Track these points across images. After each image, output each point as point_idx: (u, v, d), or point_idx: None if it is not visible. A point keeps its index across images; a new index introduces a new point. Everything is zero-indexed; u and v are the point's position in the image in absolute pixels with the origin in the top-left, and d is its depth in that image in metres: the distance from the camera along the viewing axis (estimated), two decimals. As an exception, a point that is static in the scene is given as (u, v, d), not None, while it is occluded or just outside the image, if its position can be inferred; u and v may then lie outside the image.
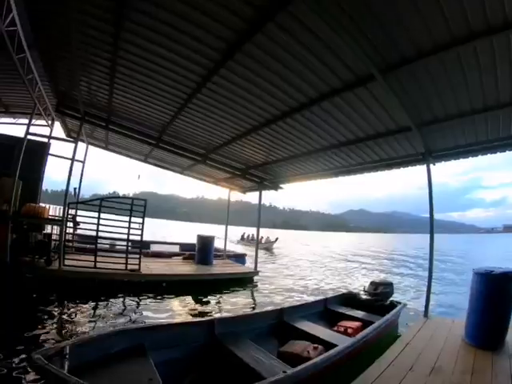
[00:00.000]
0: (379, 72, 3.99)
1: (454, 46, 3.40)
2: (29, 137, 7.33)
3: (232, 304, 7.77)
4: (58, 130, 10.57)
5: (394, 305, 6.05)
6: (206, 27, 3.93)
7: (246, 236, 35.11)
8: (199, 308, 7.10)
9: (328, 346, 3.94)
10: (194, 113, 6.64)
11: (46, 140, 9.19)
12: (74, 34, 4.54)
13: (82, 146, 11.15)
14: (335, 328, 5.12)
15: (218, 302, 7.88)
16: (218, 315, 6.56)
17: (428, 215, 6.23)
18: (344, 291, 7.47)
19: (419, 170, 6.44)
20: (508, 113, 4.63)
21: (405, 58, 3.82)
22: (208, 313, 6.82)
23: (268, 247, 29.01)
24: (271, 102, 5.56)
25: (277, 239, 31.08)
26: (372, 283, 6.55)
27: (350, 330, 4.91)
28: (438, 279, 13.64)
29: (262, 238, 30.34)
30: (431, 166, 6.21)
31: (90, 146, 12.06)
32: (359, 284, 10.86)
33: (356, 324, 5.16)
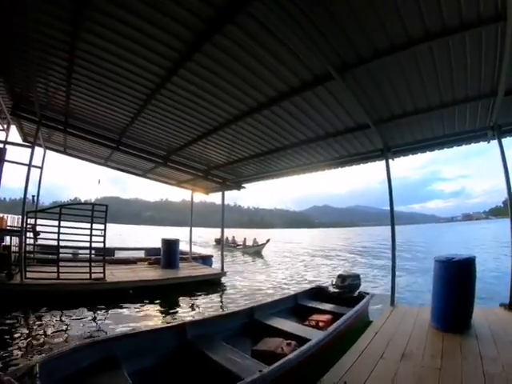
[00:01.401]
0: (337, 71, 4.09)
1: (411, 45, 3.56)
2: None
3: (201, 306, 7.75)
4: (14, 134, 9.97)
5: (362, 296, 6.24)
6: (165, 27, 3.85)
7: (224, 239, 30.21)
8: (169, 313, 6.99)
9: (301, 340, 4.00)
10: (153, 114, 6.50)
11: (1, 145, 8.64)
12: (30, 33, 4.30)
13: (39, 151, 10.62)
14: (306, 322, 5.20)
15: (187, 305, 7.79)
16: (188, 318, 6.48)
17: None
18: (313, 286, 7.61)
19: (380, 165, 6.69)
20: (463, 109, 4.93)
21: (362, 58, 3.95)
22: (178, 316, 6.72)
23: (258, 251, 24.93)
24: (231, 102, 5.56)
25: (268, 241, 26.13)
26: (339, 276, 6.71)
27: (321, 324, 5.01)
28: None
29: (245, 239, 27.39)
30: (390, 161, 6.47)
31: (48, 151, 11.49)
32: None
33: (327, 317, 5.27)
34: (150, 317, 6.57)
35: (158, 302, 7.69)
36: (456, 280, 4.49)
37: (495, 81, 4.12)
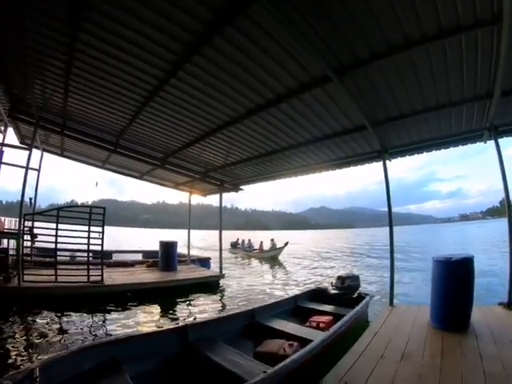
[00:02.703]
0: (335, 73, 4.11)
1: (408, 47, 3.58)
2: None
3: (200, 308, 7.73)
4: (11, 136, 9.91)
5: (362, 296, 6.25)
6: (163, 29, 3.85)
7: (240, 242, 26.75)
8: (168, 315, 6.98)
9: (303, 341, 4.00)
10: (151, 116, 6.50)
11: (-2, 148, 8.60)
12: (27, 33, 4.28)
13: (36, 153, 10.54)
14: (307, 324, 5.20)
15: (186, 308, 7.79)
16: (186, 319, 6.51)
17: (386, 209, 6.51)
18: (313, 287, 7.61)
19: (377, 166, 6.71)
20: (460, 110, 4.97)
21: (360, 60, 3.96)
22: (177, 319, 6.72)
23: (275, 256, 21.87)
24: (229, 103, 5.56)
25: (286, 244, 22.47)
26: (339, 277, 6.70)
27: (322, 325, 5.01)
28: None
29: (262, 243, 24.07)
30: (387, 162, 6.49)
31: (45, 154, 11.40)
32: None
33: (327, 318, 5.27)
34: (149, 319, 6.55)
35: (156, 304, 7.68)
36: (454, 279, 4.51)
37: (491, 82, 4.15)
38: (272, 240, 22.90)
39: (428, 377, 3.08)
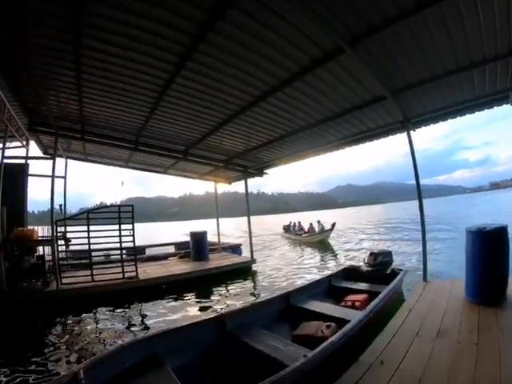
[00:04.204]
0: (347, 44, 3.94)
1: (420, 9, 3.36)
2: (5, 161, 7.12)
3: (235, 294, 7.86)
4: (34, 148, 10.28)
5: (395, 272, 6.14)
6: (166, 22, 3.79)
7: (292, 225, 26.01)
8: (203, 303, 7.13)
9: (339, 321, 3.97)
10: (167, 110, 6.52)
11: (23, 161, 8.97)
12: (33, 48, 4.36)
13: (61, 161, 10.87)
14: (343, 303, 5.19)
15: (220, 294, 7.95)
16: (224, 308, 6.60)
17: (414, 182, 6.31)
18: (345, 266, 7.55)
19: (401, 138, 6.48)
20: (482, 71, 4.66)
21: (371, 27, 3.76)
22: (212, 306, 6.87)
23: (324, 239, 20.00)
24: (242, 88, 5.48)
25: (334, 225, 20.14)
26: (371, 254, 6.63)
27: (357, 304, 4.99)
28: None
29: (312, 225, 22.34)
30: (412, 132, 6.26)
31: (69, 160, 11.76)
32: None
33: (362, 296, 5.23)
34: (186, 310, 6.69)
35: (191, 293, 7.85)
36: (488, 250, 4.33)
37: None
38: (318, 222, 21.26)
39: (465, 354, 2.99)
